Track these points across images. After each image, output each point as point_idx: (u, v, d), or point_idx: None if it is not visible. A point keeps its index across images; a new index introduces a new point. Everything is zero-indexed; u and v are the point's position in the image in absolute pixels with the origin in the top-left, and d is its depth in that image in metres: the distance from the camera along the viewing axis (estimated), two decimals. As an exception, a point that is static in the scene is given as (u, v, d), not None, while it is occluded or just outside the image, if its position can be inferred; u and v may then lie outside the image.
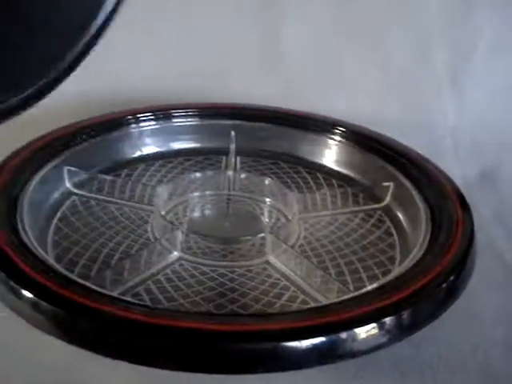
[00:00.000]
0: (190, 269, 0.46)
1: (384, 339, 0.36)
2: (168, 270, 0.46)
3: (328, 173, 0.61)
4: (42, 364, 0.41)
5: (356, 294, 0.41)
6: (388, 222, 0.54)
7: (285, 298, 0.44)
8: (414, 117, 0.71)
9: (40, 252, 0.41)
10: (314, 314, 0.37)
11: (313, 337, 0.34)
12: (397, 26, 0.68)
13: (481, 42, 0.69)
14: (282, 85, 0.69)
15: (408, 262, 0.43)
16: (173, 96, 0.67)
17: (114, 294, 0.41)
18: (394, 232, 0.52)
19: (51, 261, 0.42)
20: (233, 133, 0.64)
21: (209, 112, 0.64)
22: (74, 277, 0.40)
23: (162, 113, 0.63)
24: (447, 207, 0.48)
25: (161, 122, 0.62)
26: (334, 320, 0.36)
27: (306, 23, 0.68)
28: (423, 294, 0.39)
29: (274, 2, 0.68)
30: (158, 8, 0.66)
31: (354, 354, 0.36)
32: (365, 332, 0.35)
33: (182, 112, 0.63)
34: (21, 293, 0.36)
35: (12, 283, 0.37)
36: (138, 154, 0.62)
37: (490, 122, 0.71)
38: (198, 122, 0.64)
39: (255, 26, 0.68)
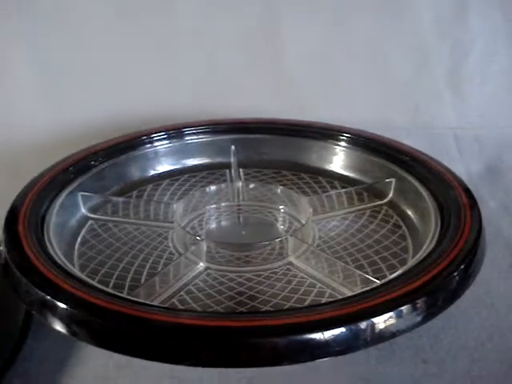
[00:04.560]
0: (218, 277, 0.48)
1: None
2: (197, 280, 0.48)
3: (330, 176, 0.64)
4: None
5: (375, 285, 0.43)
6: (395, 216, 0.57)
7: (313, 294, 0.46)
8: (416, 120, 0.74)
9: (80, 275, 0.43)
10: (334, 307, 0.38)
11: (336, 327, 0.36)
12: (394, 36, 0.72)
13: (475, 45, 0.73)
14: (286, 98, 0.72)
15: (421, 254, 0.45)
16: (177, 115, 0.69)
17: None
18: (403, 224, 0.55)
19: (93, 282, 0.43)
20: (233, 147, 0.66)
21: (208, 128, 0.67)
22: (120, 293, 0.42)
23: (165, 133, 0.65)
24: (452, 197, 0.50)
25: (164, 142, 0.65)
26: (355, 310, 0.37)
27: (306, 39, 0.71)
28: (437, 283, 0.40)
29: (274, 20, 0.71)
30: (159, 30, 0.68)
31: (375, 341, 0.37)
32: (385, 319, 0.37)
33: (183, 131, 0.66)
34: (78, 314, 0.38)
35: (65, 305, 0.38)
36: (145, 174, 0.64)
37: (490, 120, 0.75)
38: (200, 140, 0.66)
39: (256, 43, 0.70)
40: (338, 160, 0.64)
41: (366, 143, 0.62)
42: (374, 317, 0.37)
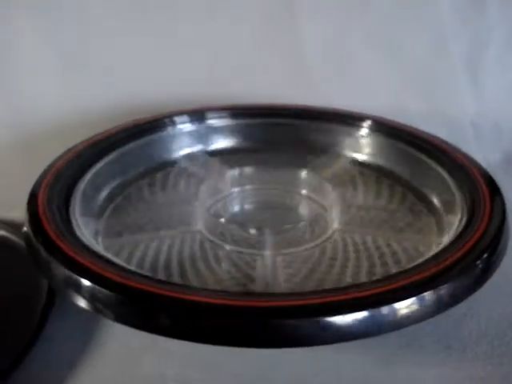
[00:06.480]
0: (245, 260, 0.48)
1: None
2: (224, 264, 0.47)
3: (351, 160, 0.63)
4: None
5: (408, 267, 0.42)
6: (416, 200, 0.57)
7: (349, 272, 0.46)
8: (434, 108, 0.73)
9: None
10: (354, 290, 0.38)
11: (353, 310, 0.36)
12: (412, 23, 0.71)
13: (495, 32, 0.72)
14: (300, 84, 0.72)
15: (449, 237, 0.46)
16: (190, 100, 0.68)
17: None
18: (425, 208, 0.55)
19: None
20: (249, 130, 0.66)
21: (227, 113, 0.66)
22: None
23: (185, 116, 0.64)
24: (473, 181, 0.51)
25: (184, 126, 0.64)
26: (377, 293, 0.37)
27: (321, 24, 0.70)
28: (459, 269, 0.40)
29: (289, 5, 0.70)
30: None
31: (394, 327, 0.37)
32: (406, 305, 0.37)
33: (203, 115, 0.65)
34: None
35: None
36: (162, 158, 0.63)
37: (508, 108, 0.74)
38: (218, 124, 0.66)
39: (271, 28, 0.70)
40: (357, 145, 0.63)
41: (385, 129, 0.62)
42: (397, 301, 0.36)
